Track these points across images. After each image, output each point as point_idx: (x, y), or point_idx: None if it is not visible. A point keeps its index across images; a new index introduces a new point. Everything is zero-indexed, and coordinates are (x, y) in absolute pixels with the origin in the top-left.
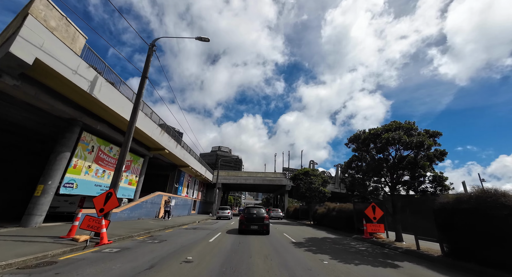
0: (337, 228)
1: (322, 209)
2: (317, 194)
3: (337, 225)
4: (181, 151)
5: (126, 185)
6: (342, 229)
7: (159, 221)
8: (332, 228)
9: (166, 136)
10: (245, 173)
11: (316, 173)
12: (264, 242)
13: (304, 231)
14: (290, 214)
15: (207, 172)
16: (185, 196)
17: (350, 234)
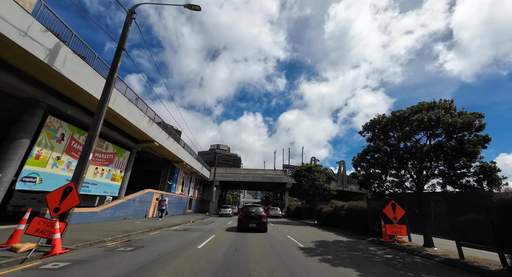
0: (346, 229)
1: (327, 207)
2: (321, 192)
3: (346, 226)
4: (173, 145)
5: (108, 180)
6: (353, 230)
7: (147, 222)
8: (340, 229)
9: (155, 127)
10: (244, 170)
11: (320, 169)
12: (266, 248)
13: (310, 232)
14: (291, 213)
15: (203, 169)
16: (179, 194)
17: (364, 237)
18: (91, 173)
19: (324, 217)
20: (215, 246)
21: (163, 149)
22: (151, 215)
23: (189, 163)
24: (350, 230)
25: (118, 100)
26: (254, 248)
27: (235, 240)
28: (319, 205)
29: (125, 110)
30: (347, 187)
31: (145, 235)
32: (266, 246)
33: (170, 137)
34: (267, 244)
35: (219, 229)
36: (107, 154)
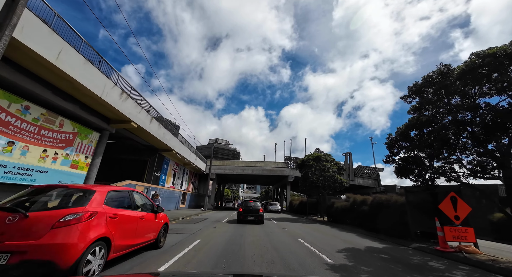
0: (371, 230)
1: (341, 202)
2: (332, 184)
3: (371, 225)
4: (158, 129)
5: (66, 168)
6: (383, 232)
7: None
8: (362, 228)
9: (131, 103)
10: (243, 163)
11: (329, 159)
12: (276, 265)
13: (326, 233)
14: (295, 208)
15: (197, 160)
16: (170, 187)
17: (403, 242)
18: (36, 157)
19: (338, 214)
20: (190, 266)
21: (145, 134)
22: None
23: (180, 152)
24: (378, 231)
25: (68, 56)
26: (258, 268)
27: (226, 249)
28: (329, 200)
29: (80, 72)
30: (354, 180)
31: None
32: (276, 262)
33: (154, 119)
34: (276, 258)
35: (209, 229)
36: (62, 133)
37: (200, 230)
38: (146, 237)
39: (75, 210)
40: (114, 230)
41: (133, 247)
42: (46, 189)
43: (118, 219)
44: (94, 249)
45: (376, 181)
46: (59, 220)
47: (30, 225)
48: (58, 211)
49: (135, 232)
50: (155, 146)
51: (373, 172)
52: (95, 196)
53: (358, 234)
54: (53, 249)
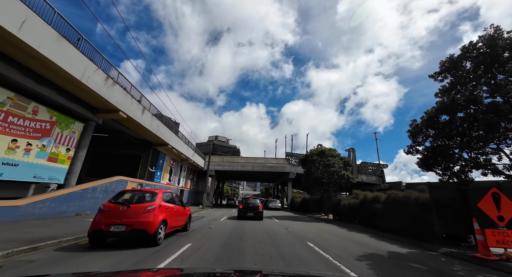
0: (385, 230)
1: (349, 199)
2: (338, 180)
3: (385, 225)
4: (152, 121)
5: (43, 161)
6: (397, 232)
7: None
8: (373, 228)
9: (119, 90)
10: (242, 159)
11: (334, 153)
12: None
13: (336, 234)
14: (297, 206)
15: (195, 156)
16: (166, 183)
17: (428, 245)
18: (2, 148)
19: (345, 212)
20: None
21: (137, 126)
22: None
23: (176, 147)
24: (393, 232)
25: (34, 27)
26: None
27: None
28: (335, 197)
29: (52, 48)
30: (358, 177)
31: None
32: None
33: (147, 111)
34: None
35: (204, 232)
36: (36, 121)
37: (194, 230)
38: (181, 222)
39: (151, 204)
40: (167, 216)
41: (175, 228)
42: (132, 192)
43: (169, 209)
44: (161, 225)
45: (380, 178)
46: (145, 209)
47: (132, 211)
48: (144, 204)
49: (176, 218)
50: (149, 140)
51: (377, 169)
52: (158, 196)
53: (371, 235)
54: (145, 224)
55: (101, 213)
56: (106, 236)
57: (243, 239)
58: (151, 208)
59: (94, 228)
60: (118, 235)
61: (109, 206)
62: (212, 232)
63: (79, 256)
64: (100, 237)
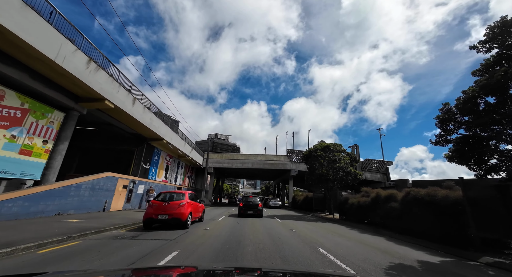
0: (403, 232)
1: (358, 198)
2: (344, 177)
3: (403, 227)
4: (144, 113)
5: (13, 154)
6: (418, 234)
7: (92, 219)
8: (388, 229)
9: (104, 76)
10: (242, 156)
11: (340, 148)
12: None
13: (347, 237)
14: (299, 205)
15: (193, 152)
16: (162, 181)
17: (463, 252)
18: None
19: (353, 211)
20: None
21: (127, 118)
22: (118, 208)
23: (171, 142)
24: (416, 235)
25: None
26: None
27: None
28: (341, 195)
29: (15, 17)
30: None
31: (31, 253)
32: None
33: (138, 101)
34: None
35: (196, 235)
36: (3, 107)
37: (186, 232)
38: (199, 214)
39: (182, 201)
40: (192, 210)
41: (196, 218)
42: (169, 193)
43: (193, 205)
44: (189, 215)
45: (385, 175)
46: (179, 204)
47: (171, 206)
48: (178, 201)
49: (196, 211)
50: (142, 135)
51: (382, 166)
52: (186, 196)
53: (388, 238)
54: (180, 214)
55: (151, 207)
56: (154, 222)
57: (242, 244)
58: (183, 204)
59: (147, 217)
60: (162, 221)
61: (155, 202)
62: (206, 235)
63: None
64: (151, 222)
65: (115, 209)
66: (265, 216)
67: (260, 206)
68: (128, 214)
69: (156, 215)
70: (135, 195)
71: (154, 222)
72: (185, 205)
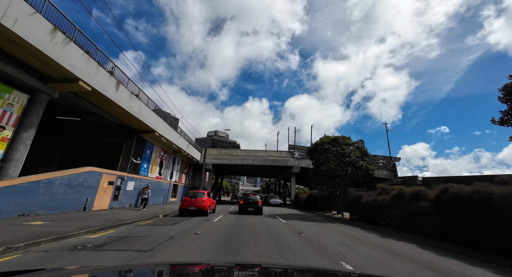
0: (437, 238)
1: (374, 195)
2: (355, 172)
3: (443, 232)
4: (130, 100)
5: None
6: (465, 243)
7: (59, 222)
8: (414, 233)
9: (76, 51)
10: (242, 152)
11: (349, 142)
12: None
13: (371, 244)
14: (302, 203)
15: (190, 148)
16: (156, 177)
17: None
18: None
19: (367, 211)
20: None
21: (110, 105)
22: (103, 207)
23: (165, 135)
24: (459, 243)
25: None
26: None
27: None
28: (353, 192)
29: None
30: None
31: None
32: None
33: (123, 86)
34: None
35: (183, 242)
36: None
37: (171, 238)
38: (213, 207)
39: (204, 197)
40: (210, 203)
41: (211, 209)
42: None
43: (210, 200)
44: (209, 207)
45: (392, 172)
46: (202, 200)
47: (196, 201)
48: (201, 198)
49: (212, 204)
50: (131, 126)
51: (389, 162)
52: (206, 194)
53: (420, 245)
54: (203, 206)
55: (184, 201)
56: (186, 211)
57: (241, 254)
58: (205, 199)
59: (181, 207)
60: (191, 211)
61: (186, 198)
62: (195, 242)
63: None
64: (184, 211)
65: (99, 208)
66: (267, 215)
67: (259, 204)
68: (113, 214)
69: (188, 206)
70: (124, 193)
71: (186, 211)
72: (206, 200)
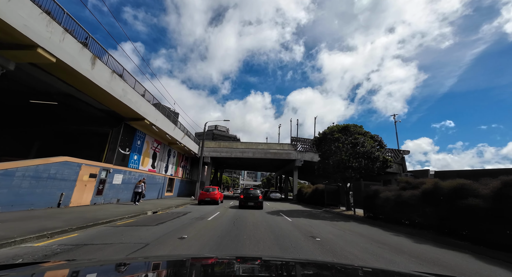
0: (491, 245)
1: (396, 190)
2: (370, 164)
3: (501, 239)
4: (111, 80)
5: None
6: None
7: (8, 222)
8: (453, 236)
9: (31, 8)
10: (242, 144)
11: (362, 130)
12: None
13: (410, 253)
14: (306, 198)
15: (186, 139)
16: (148, 170)
17: None
18: None
19: (389, 208)
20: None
21: (87, 84)
22: (84, 202)
23: (157, 124)
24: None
25: None
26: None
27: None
28: (369, 187)
29: None
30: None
31: None
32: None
33: (100, 61)
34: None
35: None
36: None
37: (145, 247)
38: (221, 199)
39: (215, 191)
40: (220, 196)
41: (220, 200)
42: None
43: (220, 193)
44: (219, 198)
45: (400, 165)
46: (215, 193)
47: (211, 193)
48: (214, 192)
49: (221, 197)
50: (117, 112)
51: (397, 155)
52: (217, 189)
53: (472, 254)
54: (215, 198)
55: (202, 194)
56: (204, 201)
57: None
58: (216, 193)
59: (200, 198)
60: (207, 201)
61: (203, 192)
62: (182, 246)
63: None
64: (202, 201)
65: (78, 203)
66: (270, 211)
67: (260, 198)
68: (91, 211)
69: (205, 198)
70: (110, 186)
71: (204, 201)
72: (217, 193)
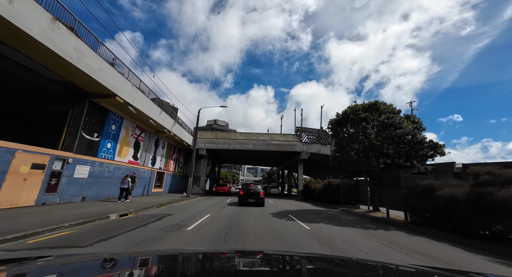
0: None
1: (469, 187)
2: (411, 151)
3: None
4: (52, 31)
5: None
6: None
7: None
8: None
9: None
10: (242, 135)
11: (394, 110)
12: None
13: None
14: (315, 194)
15: (177, 128)
16: (128, 162)
17: None
18: None
19: (459, 213)
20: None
21: (9, 30)
22: (24, 202)
23: (135, 104)
24: None
25: None
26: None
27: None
28: (417, 180)
29: None
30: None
31: None
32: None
33: (58, 21)
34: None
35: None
36: None
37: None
38: (230, 190)
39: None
40: (228, 189)
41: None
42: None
43: (228, 187)
44: (230, 190)
45: None
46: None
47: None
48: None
49: (229, 189)
50: (76, 85)
51: None
52: (227, 184)
53: None
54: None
55: (217, 188)
56: (218, 193)
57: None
58: (227, 187)
59: (217, 190)
60: (220, 192)
61: (218, 186)
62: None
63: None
64: (217, 192)
65: (12, 204)
66: (276, 212)
67: (261, 195)
68: (17, 216)
69: (220, 190)
70: (70, 181)
71: (219, 193)
72: (228, 187)
